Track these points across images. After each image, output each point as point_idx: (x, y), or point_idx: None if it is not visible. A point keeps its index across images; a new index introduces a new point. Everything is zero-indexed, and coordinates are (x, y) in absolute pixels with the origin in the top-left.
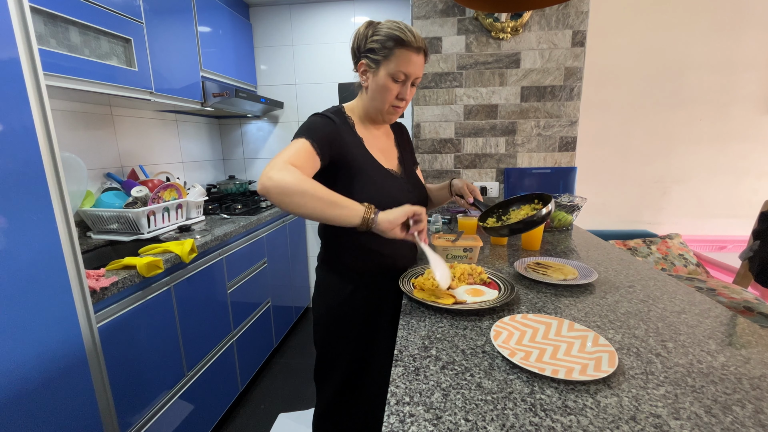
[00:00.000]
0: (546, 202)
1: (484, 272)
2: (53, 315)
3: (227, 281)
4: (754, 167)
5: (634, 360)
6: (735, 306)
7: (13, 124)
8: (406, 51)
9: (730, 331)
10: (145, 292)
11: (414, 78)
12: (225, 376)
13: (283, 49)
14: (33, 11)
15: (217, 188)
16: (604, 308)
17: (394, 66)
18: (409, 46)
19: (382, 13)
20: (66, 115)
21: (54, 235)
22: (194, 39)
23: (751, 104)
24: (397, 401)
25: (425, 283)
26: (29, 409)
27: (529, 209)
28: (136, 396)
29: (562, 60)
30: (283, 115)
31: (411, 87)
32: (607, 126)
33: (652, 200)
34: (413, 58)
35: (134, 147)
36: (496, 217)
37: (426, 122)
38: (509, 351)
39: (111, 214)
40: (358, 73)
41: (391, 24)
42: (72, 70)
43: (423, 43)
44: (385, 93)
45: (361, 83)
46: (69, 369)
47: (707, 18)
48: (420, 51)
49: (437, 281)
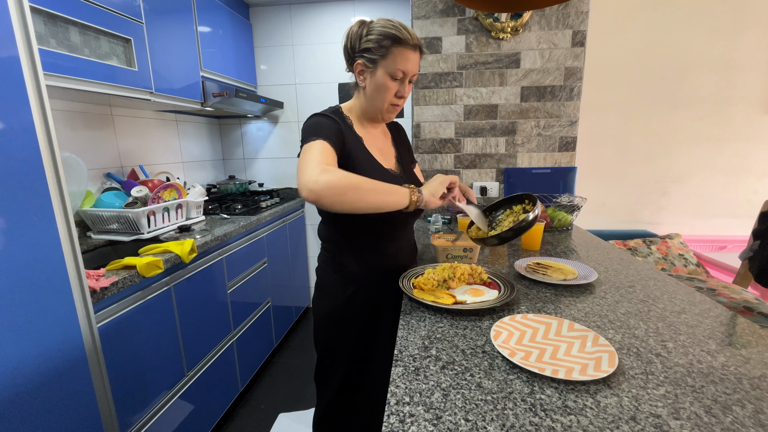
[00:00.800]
0: (534, 202)
1: (484, 272)
2: (53, 315)
3: (227, 281)
4: (754, 167)
5: (634, 360)
6: (735, 306)
7: (13, 123)
8: (403, 49)
9: (730, 331)
10: (145, 292)
11: (411, 75)
12: (225, 376)
13: (283, 49)
14: (33, 11)
15: (217, 188)
16: (604, 308)
17: (392, 64)
18: (405, 44)
19: (382, 13)
20: (66, 115)
21: (54, 235)
22: (194, 39)
23: (751, 104)
24: (397, 401)
25: (425, 283)
26: (29, 409)
27: (519, 210)
28: (136, 396)
29: (562, 60)
30: (283, 115)
31: (408, 84)
32: (607, 126)
33: (652, 200)
34: (410, 56)
35: (134, 147)
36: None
37: (426, 122)
38: (509, 351)
39: (111, 214)
40: (354, 73)
41: (384, 22)
42: (72, 70)
43: (418, 40)
44: (384, 92)
45: (357, 83)
46: (69, 369)
47: (707, 18)
48: (416, 48)
49: (481, 228)
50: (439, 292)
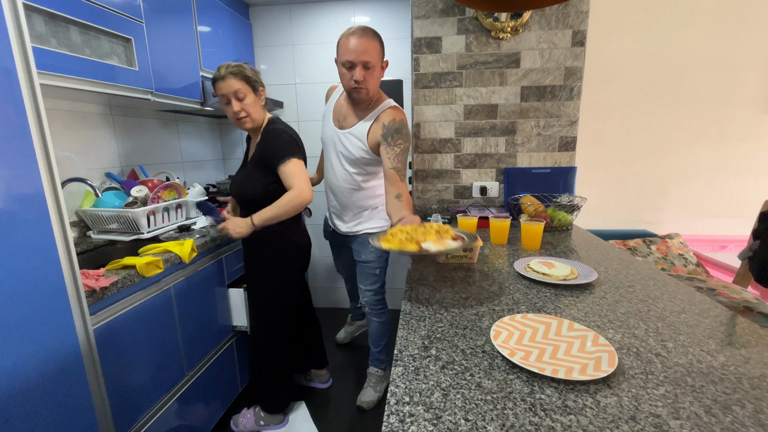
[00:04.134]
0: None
1: (451, 230)
2: (48, 316)
3: (227, 281)
4: (754, 167)
5: (633, 360)
6: (735, 306)
7: (6, 123)
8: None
9: (730, 331)
10: (144, 292)
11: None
12: (225, 376)
13: (283, 48)
14: (33, 11)
15: (217, 188)
16: (604, 308)
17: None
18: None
19: (382, 13)
20: (66, 114)
21: (49, 236)
22: (194, 38)
23: (751, 104)
24: (397, 401)
25: (393, 235)
26: (23, 412)
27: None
28: (135, 396)
29: (562, 60)
30: (283, 115)
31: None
32: (607, 126)
33: (652, 200)
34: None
35: (134, 147)
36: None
37: (426, 122)
38: (509, 351)
39: (111, 213)
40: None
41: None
42: (73, 70)
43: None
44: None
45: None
46: (64, 371)
47: (707, 18)
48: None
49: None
50: (406, 244)
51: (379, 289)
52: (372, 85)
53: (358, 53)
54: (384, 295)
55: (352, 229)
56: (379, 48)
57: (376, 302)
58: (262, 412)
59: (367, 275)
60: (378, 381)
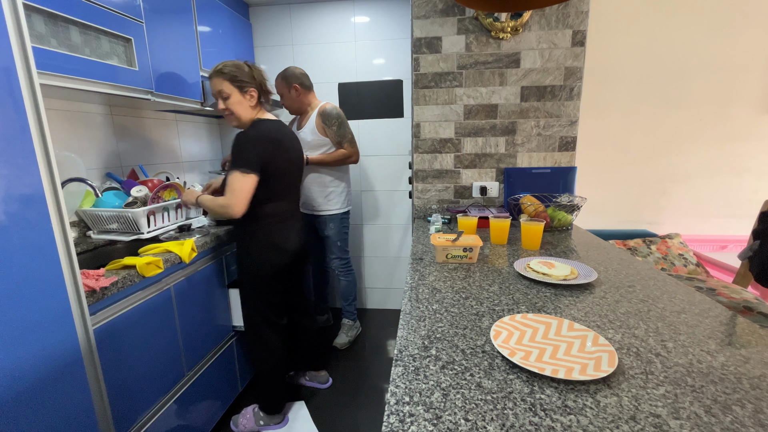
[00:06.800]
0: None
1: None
2: (48, 316)
3: (227, 281)
4: (754, 167)
5: (633, 360)
6: (735, 306)
7: (6, 123)
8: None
9: (730, 331)
10: (144, 292)
11: (217, 96)
12: (225, 376)
13: (283, 49)
14: (33, 11)
15: None
16: (604, 308)
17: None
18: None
19: (382, 13)
20: (66, 114)
21: (49, 236)
22: (194, 39)
23: (751, 104)
24: (397, 401)
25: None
26: (23, 412)
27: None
28: (135, 396)
29: (562, 60)
30: (283, 115)
31: (223, 101)
32: (607, 126)
33: (652, 200)
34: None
35: (134, 147)
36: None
37: (426, 122)
38: (509, 351)
39: (111, 213)
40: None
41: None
42: (73, 70)
43: (212, 72)
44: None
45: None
46: (64, 371)
47: (707, 18)
48: (209, 78)
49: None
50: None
51: (343, 256)
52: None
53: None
54: (349, 259)
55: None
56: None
57: (343, 266)
58: (261, 412)
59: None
60: (349, 329)
